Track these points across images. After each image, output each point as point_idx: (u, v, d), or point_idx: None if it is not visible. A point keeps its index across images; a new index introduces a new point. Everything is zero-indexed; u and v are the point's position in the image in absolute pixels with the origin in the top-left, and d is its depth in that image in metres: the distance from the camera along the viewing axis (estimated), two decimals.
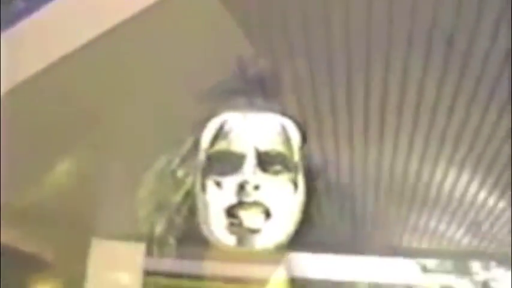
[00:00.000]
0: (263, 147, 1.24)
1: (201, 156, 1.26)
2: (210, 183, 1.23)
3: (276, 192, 1.23)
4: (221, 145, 1.25)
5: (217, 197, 1.22)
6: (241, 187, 1.20)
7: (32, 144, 1.55)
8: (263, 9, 1.67)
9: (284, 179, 1.24)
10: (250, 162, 1.22)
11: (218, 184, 1.22)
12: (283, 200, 1.23)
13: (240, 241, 1.19)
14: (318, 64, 1.79)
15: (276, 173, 1.23)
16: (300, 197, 1.25)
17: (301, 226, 1.24)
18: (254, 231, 1.19)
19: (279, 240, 1.21)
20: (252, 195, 1.20)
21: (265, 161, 1.23)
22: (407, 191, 2.54)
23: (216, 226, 1.21)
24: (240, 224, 1.19)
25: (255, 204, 1.20)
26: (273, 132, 1.27)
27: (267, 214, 1.21)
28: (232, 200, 1.20)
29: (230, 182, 1.21)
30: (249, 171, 1.21)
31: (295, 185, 1.25)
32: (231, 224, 1.20)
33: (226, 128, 1.25)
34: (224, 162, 1.23)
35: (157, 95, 1.62)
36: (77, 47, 1.44)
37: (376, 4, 1.70)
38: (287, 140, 1.27)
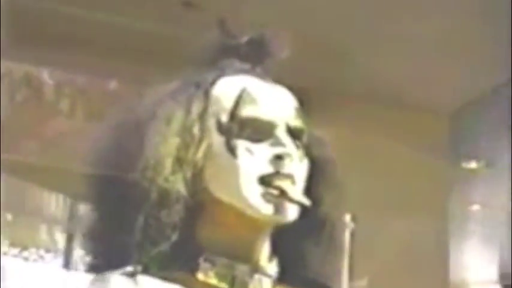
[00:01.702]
0: (289, 119, 1.23)
1: (223, 117, 1.21)
2: (240, 148, 1.18)
3: (299, 166, 1.21)
4: (250, 111, 1.21)
5: (250, 163, 1.18)
6: (279, 158, 1.17)
7: None
8: None
9: (302, 153, 1.23)
10: (283, 133, 1.20)
11: (249, 150, 1.18)
12: (302, 175, 1.22)
13: (277, 210, 1.17)
14: None
15: (298, 147, 1.22)
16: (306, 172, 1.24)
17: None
18: (293, 202, 1.17)
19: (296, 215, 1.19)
20: (287, 167, 1.18)
21: (292, 134, 1.22)
22: None
23: (250, 193, 1.17)
24: (281, 194, 1.16)
25: (289, 176, 1.18)
26: (293, 105, 1.25)
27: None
28: (268, 169, 1.17)
29: (265, 151, 1.18)
30: (286, 142, 1.19)
31: (305, 160, 1.23)
32: (267, 193, 1.16)
33: (251, 93, 1.22)
34: (255, 129, 1.20)
35: None
36: None
37: None
38: (303, 116, 1.26)
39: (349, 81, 4.47)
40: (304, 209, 1.19)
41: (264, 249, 1.22)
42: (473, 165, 6.03)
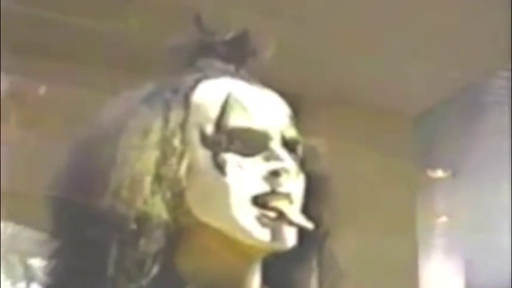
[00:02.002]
0: (284, 128, 1.13)
1: (207, 127, 1.09)
2: (230, 163, 1.07)
3: (296, 183, 1.11)
4: (239, 119, 1.09)
5: (241, 181, 1.06)
6: (276, 174, 1.07)
7: None
8: None
9: (298, 168, 1.13)
10: (278, 145, 1.10)
11: (240, 166, 1.07)
12: (300, 193, 1.12)
13: (275, 236, 1.06)
14: None
15: (295, 160, 1.12)
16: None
17: None
18: (293, 225, 1.06)
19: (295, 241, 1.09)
20: (284, 185, 1.07)
21: (288, 145, 1.12)
22: None
23: (243, 216, 1.06)
24: (279, 217, 1.06)
25: (287, 195, 1.08)
26: (286, 112, 1.16)
27: None
28: (263, 187, 1.07)
29: (258, 166, 1.08)
30: (282, 155, 1.09)
31: (301, 175, 1.14)
32: (263, 216, 1.06)
33: (239, 99, 1.11)
34: (246, 141, 1.09)
35: None
36: None
37: None
38: (295, 124, 1.16)
39: (310, 83, 4.38)
40: (299, 232, 1.09)
41: (255, 280, 1.12)
42: (439, 173, 6.04)
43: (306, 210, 1.11)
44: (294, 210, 1.08)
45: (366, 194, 4.54)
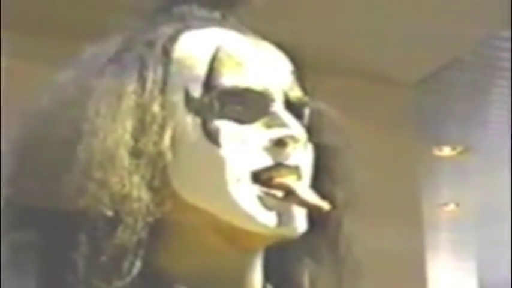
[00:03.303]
0: (287, 87, 1.13)
1: (194, 88, 1.09)
2: (224, 132, 1.06)
3: (304, 154, 1.12)
4: (232, 78, 1.09)
5: (239, 154, 1.06)
6: (281, 143, 1.07)
7: None
8: None
9: (306, 136, 1.12)
10: (281, 107, 1.10)
11: (237, 135, 1.07)
12: (309, 166, 1.13)
13: (282, 220, 1.06)
14: None
15: (302, 127, 1.12)
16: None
17: None
18: (304, 206, 1.07)
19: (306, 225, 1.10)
20: (291, 157, 1.08)
21: (293, 108, 1.12)
22: None
23: (242, 196, 1.05)
24: (286, 196, 1.05)
25: (295, 169, 1.08)
26: (288, 68, 1.16)
27: None
28: (265, 160, 1.07)
29: (258, 134, 1.08)
30: (287, 120, 1.08)
31: (309, 145, 1.15)
32: (267, 195, 1.05)
33: (231, 52, 1.11)
34: (242, 104, 1.08)
35: None
36: None
37: None
38: (300, 83, 1.16)
39: (302, 49, 4.44)
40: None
41: (257, 277, 1.12)
42: (446, 151, 6.10)
43: (313, 189, 1.11)
44: (304, 187, 1.08)
45: (360, 179, 4.57)
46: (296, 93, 1.13)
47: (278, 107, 1.10)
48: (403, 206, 4.97)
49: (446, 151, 6.08)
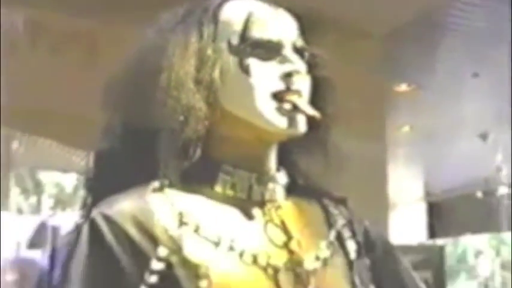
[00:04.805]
0: (294, 39, 1.28)
1: (233, 39, 1.25)
2: (253, 66, 1.23)
3: (305, 82, 1.26)
4: (259, 32, 1.25)
5: (262, 81, 1.22)
6: (289, 75, 1.23)
7: None
8: None
9: (306, 70, 1.27)
10: (290, 51, 1.25)
11: (261, 68, 1.23)
12: (307, 90, 1.27)
13: (291, 123, 1.22)
14: None
15: (304, 64, 1.27)
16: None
17: None
18: (304, 114, 1.22)
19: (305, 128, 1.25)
20: (296, 83, 1.23)
21: (298, 52, 1.27)
22: None
23: (266, 108, 1.21)
24: (293, 108, 1.22)
25: (298, 91, 1.23)
26: (295, 26, 1.30)
27: None
28: (280, 85, 1.22)
29: (274, 68, 1.23)
30: (294, 59, 1.24)
31: (308, 76, 1.28)
32: (281, 108, 1.22)
33: (259, 16, 1.26)
34: (264, 49, 1.24)
35: None
36: None
37: None
38: (303, 36, 1.30)
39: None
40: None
41: (273, 160, 1.28)
42: (403, 87, 6.15)
43: (312, 105, 1.27)
44: (304, 103, 1.24)
45: (341, 102, 4.63)
46: (300, 42, 1.28)
47: (288, 51, 1.25)
48: (372, 126, 5.06)
49: (404, 87, 6.10)
